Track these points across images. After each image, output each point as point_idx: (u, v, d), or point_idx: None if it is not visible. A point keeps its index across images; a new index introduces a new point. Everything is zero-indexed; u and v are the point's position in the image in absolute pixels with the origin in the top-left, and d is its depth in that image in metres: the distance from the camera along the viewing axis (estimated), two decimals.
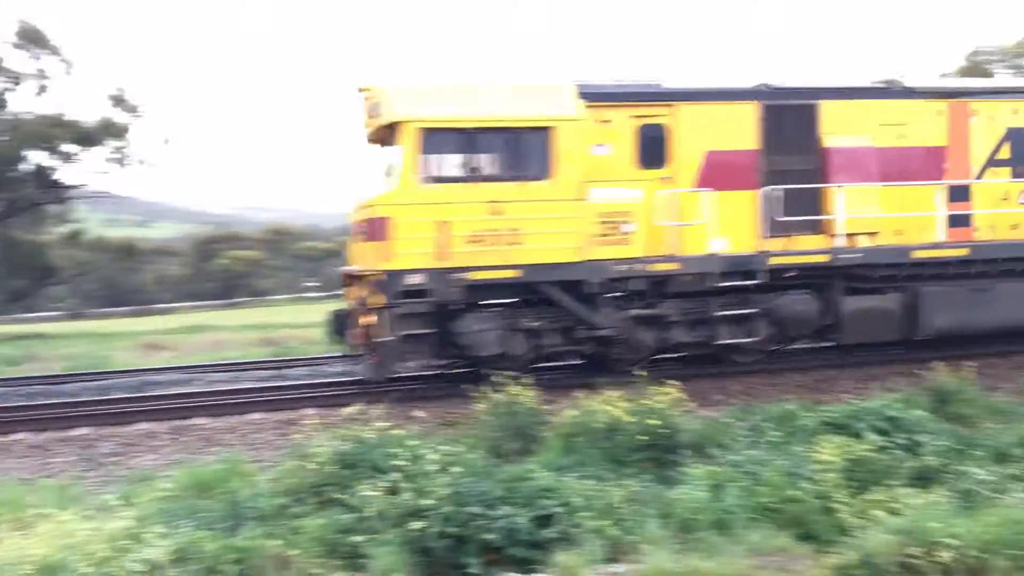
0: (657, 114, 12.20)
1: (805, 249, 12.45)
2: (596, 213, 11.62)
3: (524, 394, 9.27)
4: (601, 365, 12.28)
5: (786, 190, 12.33)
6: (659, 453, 8.39)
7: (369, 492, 6.84)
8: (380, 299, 11.03)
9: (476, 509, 6.63)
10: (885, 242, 12.80)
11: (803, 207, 12.44)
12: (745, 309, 12.23)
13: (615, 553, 6.50)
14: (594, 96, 12.02)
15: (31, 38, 29.55)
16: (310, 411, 10.82)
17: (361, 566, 6.30)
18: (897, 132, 12.96)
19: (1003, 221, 13.29)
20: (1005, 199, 13.32)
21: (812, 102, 12.74)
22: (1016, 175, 13.49)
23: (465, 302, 11.34)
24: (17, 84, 29.71)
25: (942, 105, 13.24)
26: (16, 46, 29.22)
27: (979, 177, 13.36)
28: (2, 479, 8.45)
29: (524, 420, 9.19)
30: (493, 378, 9.41)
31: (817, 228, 12.59)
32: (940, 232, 12.81)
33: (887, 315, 12.75)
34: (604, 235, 11.67)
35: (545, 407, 9.71)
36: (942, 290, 12.79)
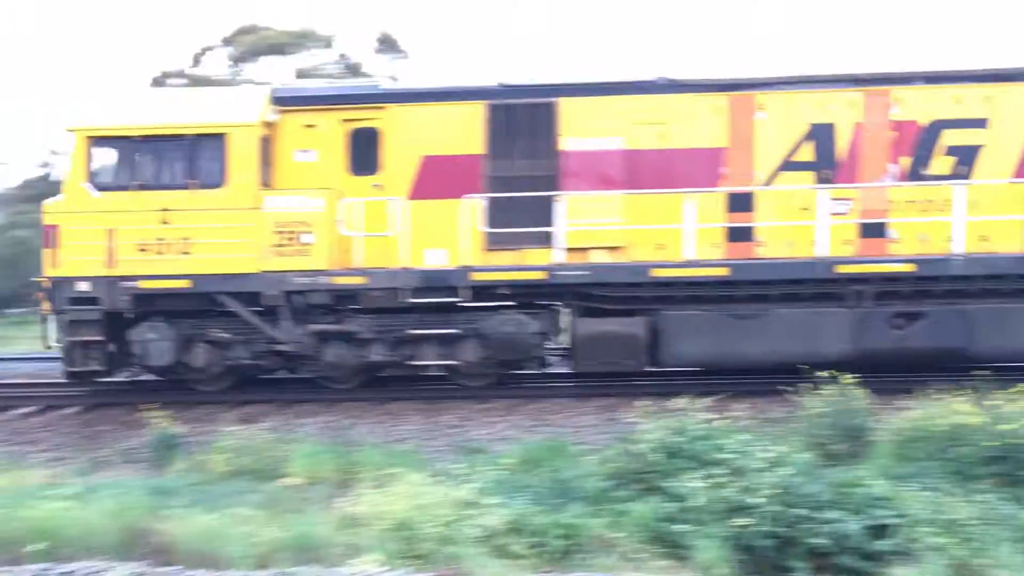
0: (369, 117, 11.45)
1: (519, 265, 11.22)
2: (273, 222, 10.98)
3: (855, 394, 8.65)
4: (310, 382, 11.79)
5: (493, 199, 11.07)
6: (1013, 467, 7.46)
7: (695, 483, 6.84)
8: (47, 305, 11.28)
9: (804, 511, 6.50)
10: (637, 258, 11.19)
11: (530, 217, 11.23)
12: (444, 329, 11.17)
13: (959, 574, 6.22)
14: (295, 100, 11.53)
15: None
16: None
17: (683, 556, 6.39)
18: (658, 132, 11.17)
19: (800, 235, 11.04)
20: (805, 209, 11.03)
21: (549, 100, 11.28)
22: (821, 180, 11.21)
23: (147, 311, 11.17)
24: None
25: (721, 100, 11.22)
26: None
27: (768, 183, 11.27)
28: (361, 441, 9.30)
29: (856, 421, 8.54)
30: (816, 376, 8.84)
31: (548, 241, 11.23)
32: (689, 249, 10.86)
33: (629, 341, 11.00)
34: (281, 245, 11.00)
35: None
36: (690, 315, 10.87)
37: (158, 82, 30.70)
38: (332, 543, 6.18)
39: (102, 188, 11.17)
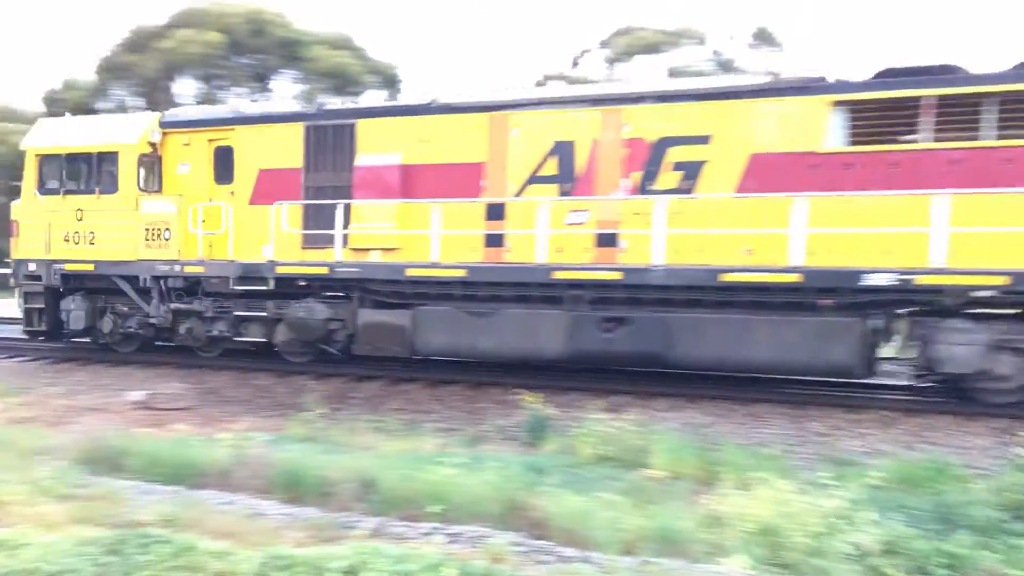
0: (224, 137, 14.24)
1: (311, 261, 13.37)
2: (145, 221, 14.19)
3: None
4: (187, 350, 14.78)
5: (306, 205, 13.43)
6: None
7: None
8: (13, 281, 15.49)
9: None
10: (407, 259, 12.86)
11: (329, 222, 13.22)
12: (260, 312, 13.81)
13: None
14: (175, 124, 14.57)
15: None
16: None
17: None
18: (432, 149, 12.86)
19: (550, 242, 12.03)
20: (576, 222, 12.04)
21: (350, 122, 13.39)
22: (562, 192, 12.20)
23: (74, 288, 14.92)
24: None
25: (482, 119, 12.63)
26: None
27: (518, 195, 12.43)
28: (722, 440, 9.60)
29: None
30: None
31: (344, 242, 13.22)
32: (435, 252, 12.38)
33: (396, 331, 12.87)
34: (150, 240, 14.18)
35: None
36: (436, 310, 12.55)
37: (540, 84, 33.72)
38: (694, 539, 6.16)
39: (44, 193, 15.00)
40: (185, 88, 33.14)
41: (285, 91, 33.28)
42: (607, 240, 12.00)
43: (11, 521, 6.26)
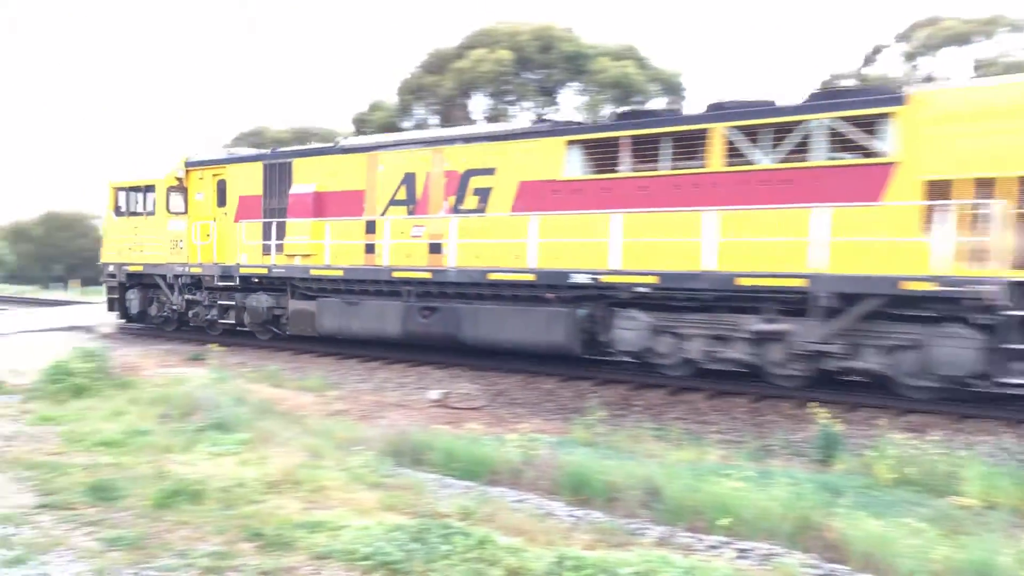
0: (222, 172, 19.62)
1: (259, 263, 18.26)
2: (170, 236, 19.89)
3: None
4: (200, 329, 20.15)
5: (265, 222, 18.37)
6: None
7: None
8: (102, 278, 21.97)
9: None
10: (318, 263, 17.41)
11: (276, 235, 18.13)
12: (231, 302, 19.05)
13: None
14: (194, 163, 20.14)
15: None
16: None
17: None
18: (335, 180, 17.41)
19: (399, 250, 16.18)
20: (403, 233, 16.16)
21: (289, 160, 18.28)
22: (409, 212, 16.26)
23: (136, 284, 21.08)
24: None
25: (363, 157, 17.01)
26: None
27: (383, 214, 16.58)
28: None
29: None
30: None
31: (280, 250, 18.04)
32: (327, 257, 17.00)
33: (309, 315, 17.52)
34: (172, 249, 19.85)
35: None
36: (328, 300, 17.11)
37: (827, 84, 32.71)
38: None
39: (117, 215, 21.24)
40: (477, 105, 34.54)
41: (570, 103, 33.99)
42: (435, 248, 15.84)
43: (330, 504, 6.79)
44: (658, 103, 32.50)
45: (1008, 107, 10.82)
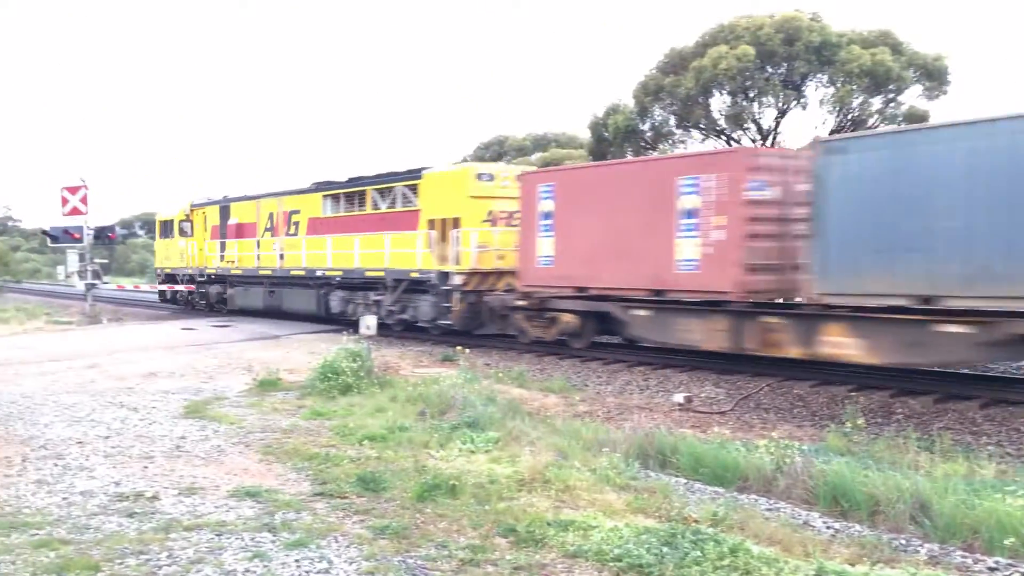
0: (204, 211, 31.51)
1: (213, 266, 30.28)
2: (180, 250, 32.59)
3: None
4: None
5: (210, 241, 30.64)
6: None
7: None
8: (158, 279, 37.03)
9: None
10: (244, 266, 28.93)
11: (221, 249, 30.01)
12: (202, 290, 31.50)
13: None
14: (195, 205, 32.27)
15: None
16: None
17: None
18: (245, 216, 28.83)
19: (265, 258, 27.51)
20: (268, 247, 27.37)
21: (229, 203, 30.08)
22: (271, 236, 27.45)
23: (173, 279, 34.24)
24: None
25: (253, 203, 28.60)
26: None
27: (261, 237, 27.97)
28: None
29: None
30: None
31: (222, 259, 29.82)
32: (236, 262, 29.03)
33: (232, 297, 29.40)
34: (182, 256, 32.40)
35: None
36: (237, 288, 29.18)
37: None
38: None
39: (161, 237, 34.94)
40: (717, 104, 33.42)
41: (817, 97, 32.05)
42: (280, 257, 26.85)
43: (579, 505, 6.88)
44: (914, 92, 31.10)
45: (449, 181, 20.77)
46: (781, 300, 14.65)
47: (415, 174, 21.49)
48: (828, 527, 6.57)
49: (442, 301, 19.94)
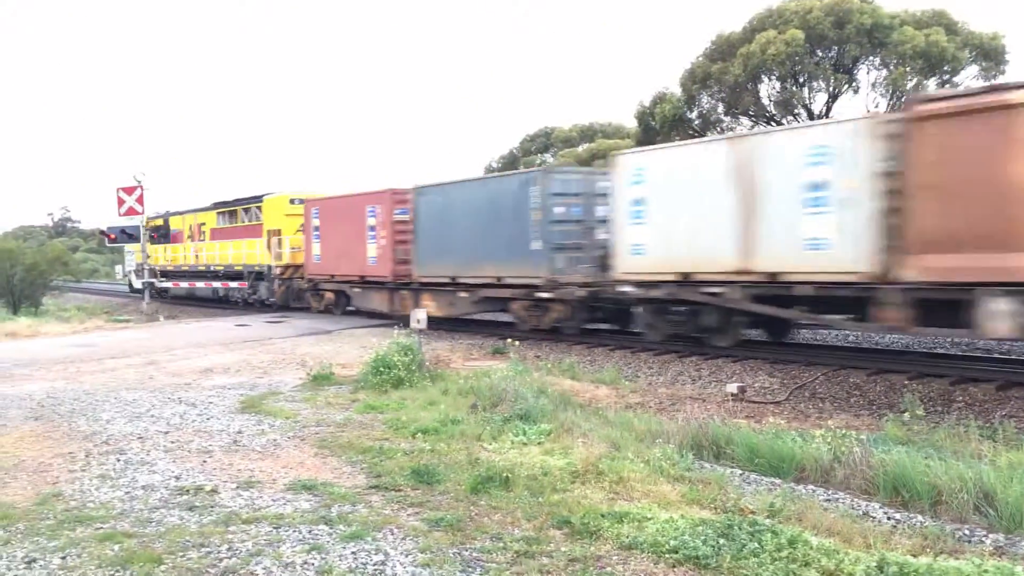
0: (171, 220, 41.72)
1: (165, 264, 41.39)
2: (153, 251, 40.91)
3: None
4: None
5: (170, 244, 41.59)
6: None
7: None
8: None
9: None
10: (172, 264, 40.10)
11: (169, 251, 41.31)
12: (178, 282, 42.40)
13: None
14: (172, 214, 41.86)
15: None
16: None
17: None
18: (179, 226, 39.92)
19: (188, 257, 37.88)
20: (190, 250, 38.29)
21: (168, 216, 40.86)
22: (192, 241, 37.70)
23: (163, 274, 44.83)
24: None
25: (180, 217, 39.83)
26: None
27: (185, 241, 38.74)
28: None
29: None
30: None
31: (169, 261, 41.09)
32: (169, 263, 39.80)
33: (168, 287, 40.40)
34: (157, 258, 40.23)
35: None
36: (175, 279, 39.94)
37: None
38: None
39: (148, 241, 43.25)
40: (766, 90, 32.72)
41: (869, 80, 31.22)
42: (196, 256, 37.62)
43: (633, 496, 6.77)
44: (970, 72, 30.10)
45: (276, 204, 31.32)
46: (407, 281, 23.00)
47: (259, 199, 32.09)
48: (889, 518, 6.40)
49: (271, 285, 30.80)
